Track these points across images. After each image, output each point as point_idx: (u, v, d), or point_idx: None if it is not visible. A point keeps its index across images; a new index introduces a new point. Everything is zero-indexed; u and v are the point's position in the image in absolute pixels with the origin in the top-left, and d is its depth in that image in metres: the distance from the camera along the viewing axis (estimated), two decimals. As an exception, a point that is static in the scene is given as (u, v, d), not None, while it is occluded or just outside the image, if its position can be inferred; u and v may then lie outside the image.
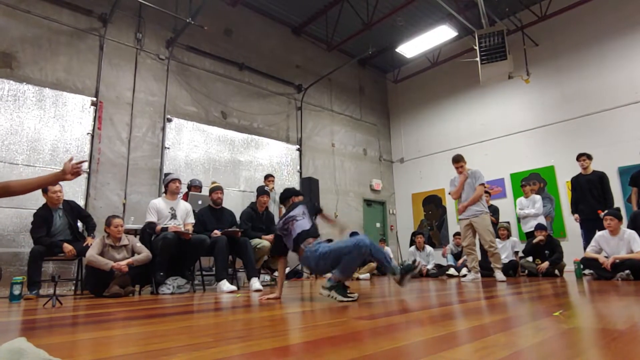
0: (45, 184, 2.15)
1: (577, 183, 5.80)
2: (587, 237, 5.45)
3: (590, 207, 5.56)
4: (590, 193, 5.58)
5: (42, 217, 4.18)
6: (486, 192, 7.40)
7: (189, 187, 5.91)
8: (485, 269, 6.34)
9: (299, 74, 9.18)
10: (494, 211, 6.80)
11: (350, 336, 1.42)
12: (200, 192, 5.86)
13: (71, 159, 2.17)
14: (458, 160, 5.25)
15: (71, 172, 2.13)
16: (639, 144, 6.93)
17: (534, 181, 8.00)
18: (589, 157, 5.79)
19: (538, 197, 6.66)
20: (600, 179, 5.63)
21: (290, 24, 9.13)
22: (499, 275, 4.98)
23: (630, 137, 7.14)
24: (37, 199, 4.71)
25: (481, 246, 5.22)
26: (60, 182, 4.53)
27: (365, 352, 1.14)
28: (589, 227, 5.54)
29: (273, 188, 6.61)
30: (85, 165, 5.77)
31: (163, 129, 6.75)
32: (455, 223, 9.45)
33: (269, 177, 6.75)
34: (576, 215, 5.81)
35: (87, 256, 3.83)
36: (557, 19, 8.28)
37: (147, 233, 4.38)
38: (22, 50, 5.60)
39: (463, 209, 5.13)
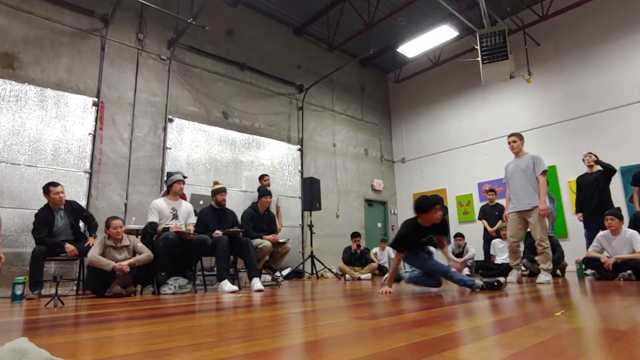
0: None
1: (582, 182, 5.79)
2: (591, 237, 5.44)
3: (594, 206, 5.54)
4: (595, 192, 5.55)
5: (44, 218, 4.19)
6: (492, 190, 7.39)
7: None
8: (488, 269, 6.34)
9: (301, 74, 9.18)
10: (501, 210, 6.76)
11: (352, 336, 1.42)
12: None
13: None
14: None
15: None
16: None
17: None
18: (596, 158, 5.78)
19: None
20: (606, 172, 5.57)
21: (292, 24, 9.13)
22: (546, 277, 4.29)
23: (633, 136, 7.12)
24: (39, 199, 4.72)
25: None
26: (62, 183, 4.56)
27: (366, 352, 1.14)
28: (592, 227, 5.51)
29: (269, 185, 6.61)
30: (87, 165, 5.84)
31: (164, 129, 6.75)
32: (457, 223, 9.46)
33: (264, 177, 6.68)
34: (579, 214, 5.79)
35: (89, 256, 3.84)
36: (559, 19, 8.26)
37: (149, 233, 4.38)
38: (24, 50, 5.61)
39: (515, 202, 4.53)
